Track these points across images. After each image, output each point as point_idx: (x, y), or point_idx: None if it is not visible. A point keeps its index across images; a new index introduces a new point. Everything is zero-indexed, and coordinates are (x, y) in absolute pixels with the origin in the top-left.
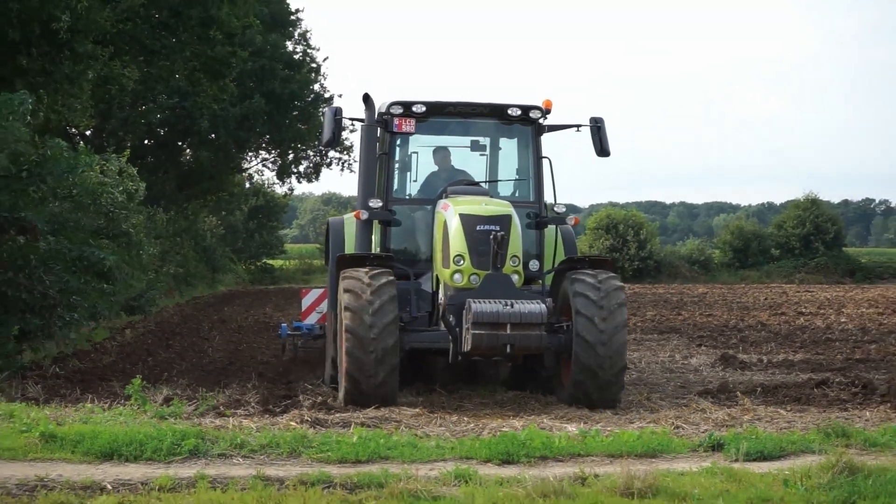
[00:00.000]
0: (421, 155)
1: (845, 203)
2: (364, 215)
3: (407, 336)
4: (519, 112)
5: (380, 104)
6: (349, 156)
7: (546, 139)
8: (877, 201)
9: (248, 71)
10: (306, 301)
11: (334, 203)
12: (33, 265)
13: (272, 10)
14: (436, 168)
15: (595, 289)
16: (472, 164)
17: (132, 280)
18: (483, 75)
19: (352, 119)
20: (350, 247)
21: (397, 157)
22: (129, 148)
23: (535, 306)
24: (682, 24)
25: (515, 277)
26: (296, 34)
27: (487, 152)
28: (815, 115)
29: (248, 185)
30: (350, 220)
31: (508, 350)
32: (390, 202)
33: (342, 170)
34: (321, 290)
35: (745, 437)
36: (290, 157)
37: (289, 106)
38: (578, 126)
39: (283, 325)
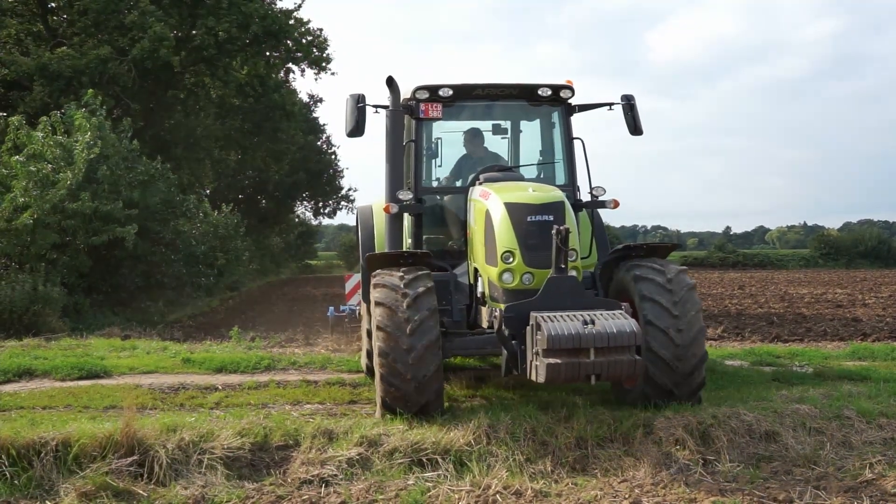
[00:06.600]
0: (445, 140)
1: (623, 227)
2: (394, 209)
3: (449, 343)
4: (549, 92)
5: (404, 90)
6: (351, 203)
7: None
8: (639, 225)
9: (296, 158)
10: (349, 284)
11: (346, 229)
12: (173, 263)
13: (309, 124)
14: (465, 152)
15: (667, 291)
16: (493, 147)
17: (234, 272)
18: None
19: (375, 106)
20: (381, 237)
21: (424, 144)
22: (232, 202)
23: (624, 322)
24: None
25: (574, 273)
26: (323, 137)
27: (509, 135)
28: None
29: (296, 220)
30: (378, 208)
31: (593, 381)
32: (420, 191)
33: (347, 212)
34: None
35: None
36: (320, 204)
37: (319, 178)
38: (611, 104)
39: (330, 308)
